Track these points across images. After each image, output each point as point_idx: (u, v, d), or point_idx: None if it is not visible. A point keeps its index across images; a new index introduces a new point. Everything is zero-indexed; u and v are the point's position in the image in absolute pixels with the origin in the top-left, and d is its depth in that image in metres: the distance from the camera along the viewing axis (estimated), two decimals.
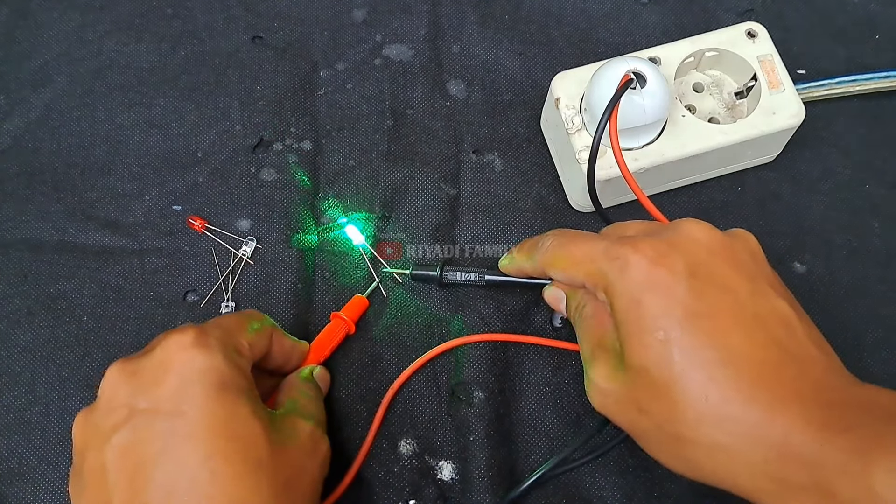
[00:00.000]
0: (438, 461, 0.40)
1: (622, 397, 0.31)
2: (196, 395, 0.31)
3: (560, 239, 0.35)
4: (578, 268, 0.33)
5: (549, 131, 0.46)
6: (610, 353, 0.32)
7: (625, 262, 0.31)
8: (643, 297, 0.30)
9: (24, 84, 0.48)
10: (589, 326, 0.33)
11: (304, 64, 0.49)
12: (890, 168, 0.46)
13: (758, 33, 0.43)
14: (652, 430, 0.30)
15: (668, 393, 0.29)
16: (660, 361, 0.29)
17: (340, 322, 0.41)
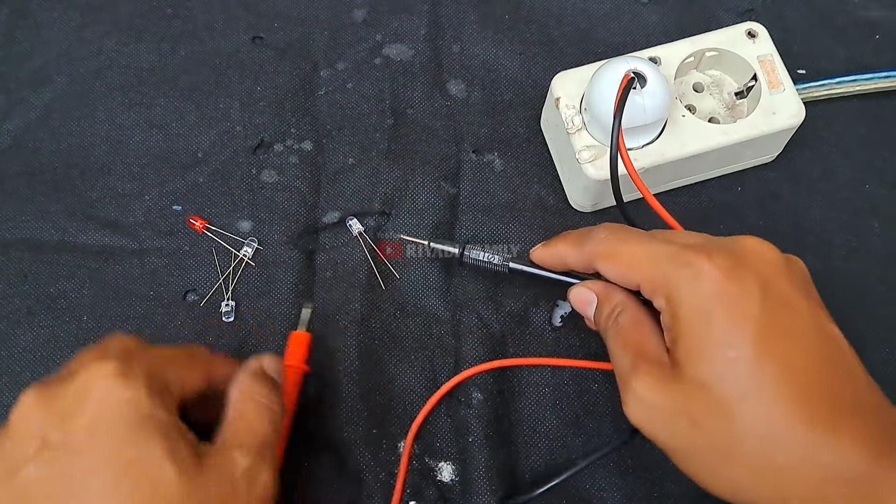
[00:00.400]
0: (438, 462, 0.40)
1: (671, 410, 0.29)
2: (109, 430, 0.29)
3: (618, 233, 0.33)
4: (638, 267, 0.31)
5: (549, 131, 0.46)
6: (655, 363, 0.30)
7: (697, 271, 0.29)
8: (715, 310, 0.29)
9: (24, 84, 0.48)
10: (627, 334, 0.32)
11: (304, 64, 0.49)
12: (890, 168, 0.46)
13: (758, 33, 0.43)
14: (700, 447, 0.29)
15: (731, 410, 0.28)
16: (726, 377, 0.28)
17: (290, 370, 0.39)
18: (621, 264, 0.32)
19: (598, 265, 0.33)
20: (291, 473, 0.40)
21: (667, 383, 0.30)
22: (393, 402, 0.41)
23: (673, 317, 0.30)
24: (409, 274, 0.44)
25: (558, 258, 0.36)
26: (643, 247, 0.32)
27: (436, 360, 0.42)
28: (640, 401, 0.30)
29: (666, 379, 0.30)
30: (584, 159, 0.41)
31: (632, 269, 0.32)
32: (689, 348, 0.29)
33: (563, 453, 0.40)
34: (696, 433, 0.29)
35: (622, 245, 0.33)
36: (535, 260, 0.38)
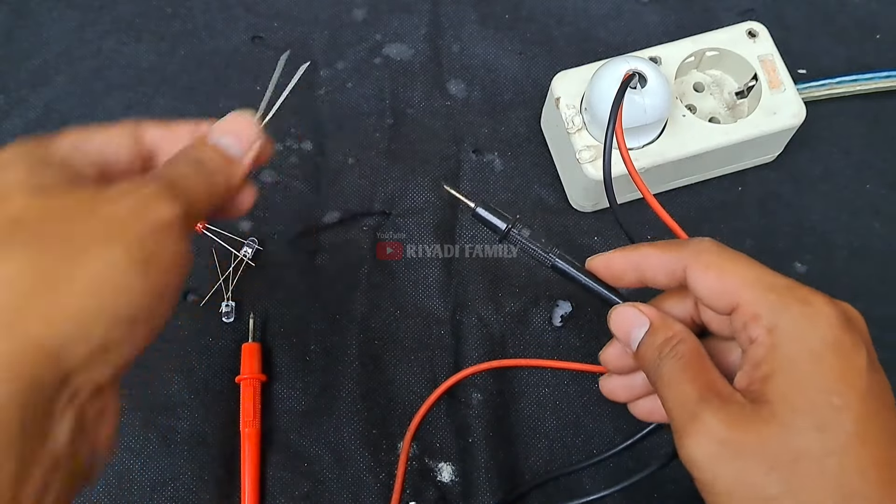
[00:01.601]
0: (438, 463, 0.40)
1: (750, 451, 0.27)
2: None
3: (723, 248, 0.30)
4: (747, 288, 0.29)
5: (549, 131, 0.46)
6: (730, 400, 0.28)
7: (818, 310, 0.27)
8: (828, 355, 0.27)
9: (24, 84, 0.48)
10: (692, 366, 0.29)
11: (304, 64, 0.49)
12: (891, 168, 0.46)
13: (758, 33, 0.43)
14: (774, 494, 0.26)
15: (824, 461, 0.26)
16: (828, 426, 0.26)
17: (247, 383, 0.40)
18: (725, 279, 0.29)
19: (697, 274, 0.30)
20: (291, 474, 0.40)
21: (748, 420, 0.27)
22: (393, 402, 0.41)
23: (773, 350, 0.28)
24: (409, 274, 0.44)
25: (634, 263, 0.32)
26: (753, 269, 0.29)
27: (436, 361, 0.42)
28: (710, 435, 0.27)
29: (747, 416, 0.27)
30: (585, 159, 0.41)
31: (736, 288, 0.29)
32: (787, 387, 0.27)
33: (562, 454, 0.40)
34: (772, 480, 0.26)
35: (729, 260, 0.30)
36: (596, 266, 0.33)
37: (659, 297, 0.34)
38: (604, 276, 0.33)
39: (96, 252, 0.24)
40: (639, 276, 0.32)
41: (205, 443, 0.40)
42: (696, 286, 0.30)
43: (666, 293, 0.33)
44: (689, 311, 0.32)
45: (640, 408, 0.35)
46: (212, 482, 0.40)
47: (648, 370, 0.31)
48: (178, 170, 0.28)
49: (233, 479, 0.40)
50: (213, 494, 0.39)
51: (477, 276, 0.44)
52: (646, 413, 0.35)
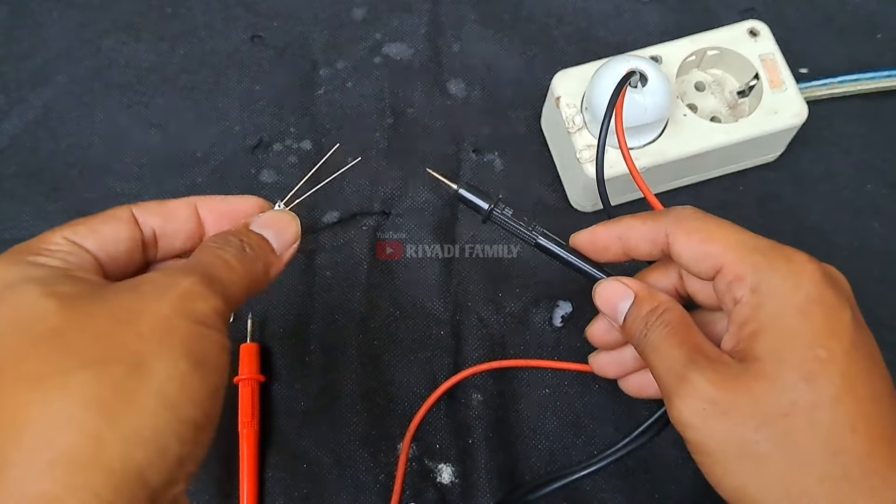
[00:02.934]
0: (438, 464, 0.40)
1: (739, 408, 0.27)
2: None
3: (705, 214, 0.30)
4: (730, 250, 0.29)
5: (549, 131, 0.46)
6: (717, 360, 0.28)
7: (800, 267, 0.28)
8: (813, 311, 0.27)
9: (23, 84, 0.48)
10: (679, 332, 0.30)
11: (303, 63, 0.49)
12: (891, 168, 0.46)
13: (760, 32, 0.43)
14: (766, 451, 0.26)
15: (813, 414, 0.26)
16: (816, 379, 0.26)
17: (245, 384, 0.40)
18: (709, 242, 0.29)
19: (680, 239, 0.30)
20: (290, 474, 0.40)
21: (736, 379, 0.27)
22: (393, 402, 0.41)
23: (758, 309, 0.28)
24: (409, 274, 0.44)
25: (617, 234, 0.32)
26: (736, 232, 0.29)
27: (435, 361, 0.42)
28: (699, 395, 0.27)
29: (734, 375, 0.27)
30: (585, 159, 0.41)
31: (719, 250, 0.29)
32: (774, 343, 0.27)
33: (563, 455, 0.40)
34: (763, 435, 0.26)
35: (712, 224, 0.30)
36: (579, 242, 0.34)
37: (643, 271, 0.34)
38: (588, 252, 0.34)
39: (155, 362, 0.23)
40: (623, 248, 0.32)
41: None
42: (679, 252, 0.30)
43: (649, 268, 0.34)
44: (674, 284, 0.33)
45: (630, 383, 0.35)
46: (211, 482, 0.40)
47: (636, 341, 0.31)
48: (214, 257, 0.27)
49: (232, 479, 0.40)
50: (213, 494, 0.39)
51: (477, 276, 0.43)
52: (636, 389, 0.35)
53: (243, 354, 0.41)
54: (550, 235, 0.34)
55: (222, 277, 0.26)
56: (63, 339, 0.22)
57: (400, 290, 0.43)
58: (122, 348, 0.22)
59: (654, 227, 0.31)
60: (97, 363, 0.22)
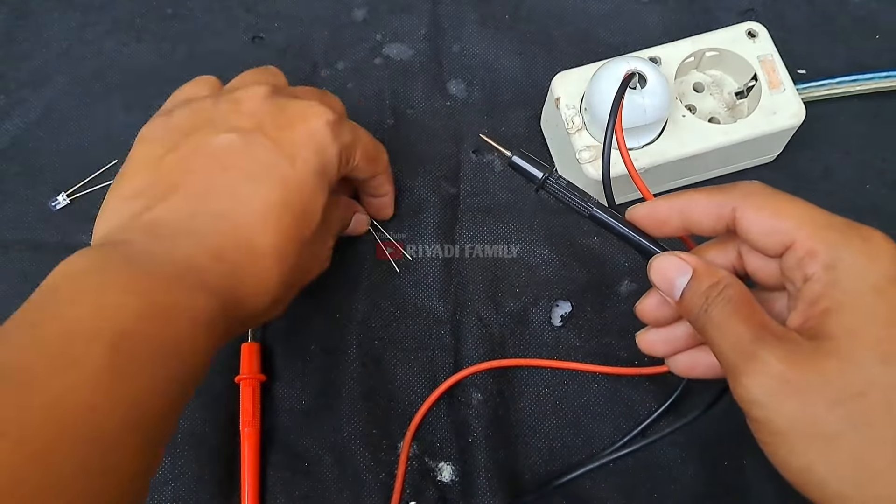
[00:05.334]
0: (438, 463, 0.40)
1: (812, 386, 0.26)
2: (308, 159, 0.34)
3: (773, 189, 0.30)
4: (803, 225, 0.28)
5: (549, 131, 0.46)
6: (785, 338, 0.27)
7: (878, 246, 0.27)
8: (890, 289, 0.26)
9: (24, 84, 0.48)
10: (744, 308, 0.29)
11: (304, 64, 0.49)
12: (890, 168, 0.46)
13: (758, 33, 0.43)
14: (839, 429, 0.26)
15: (891, 393, 0.25)
16: (891, 361, 0.26)
17: (247, 383, 0.41)
18: (780, 217, 0.29)
19: (748, 214, 0.29)
20: (291, 473, 0.40)
21: (807, 356, 0.26)
22: (393, 402, 0.41)
23: (833, 286, 0.27)
24: (409, 274, 0.44)
25: (680, 208, 0.31)
26: (808, 207, 0.29)
27: (436, 361, 0.42)
28: (770, 373, 0.26)
29: (805, 352, 0.26)
30: (584, 159, 0.41)
31: (792, 225, 0.28)
32: (849, 321, 0.26)
33: (562, 453, 0.40)
34: (836, 414, 0.26)
35: (783, 199, 0.29)
36: (637, 215, 0.33)
37: (699, 248, 0.33)
38: (646, 226, 0.32)
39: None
40: (684, 222, 0.31)
41: (205, 443, 0.40)
42: (747, 227, 0.29)
43: (706, 244, 0.33)
44: (732, 261, 0.32)
45: (679, 362, 0.34)
46: (212, 482, 0.40)
47: (694, 317, 0.30)
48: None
49: (233, 479, 0.40)
50: (213, 494, 0.39)
51: (477, 276, 0.44)
52: (686, 368, 0.34)
53: (244, 353, 0.41)
54: (605, 207, 0.33)
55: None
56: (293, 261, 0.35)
57: (400, 290, 0.44)
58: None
59: (720, 201, 0.30)
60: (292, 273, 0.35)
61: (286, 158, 0.34)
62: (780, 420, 0.26)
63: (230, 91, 0.37)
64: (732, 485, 0.40)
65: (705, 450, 0.40)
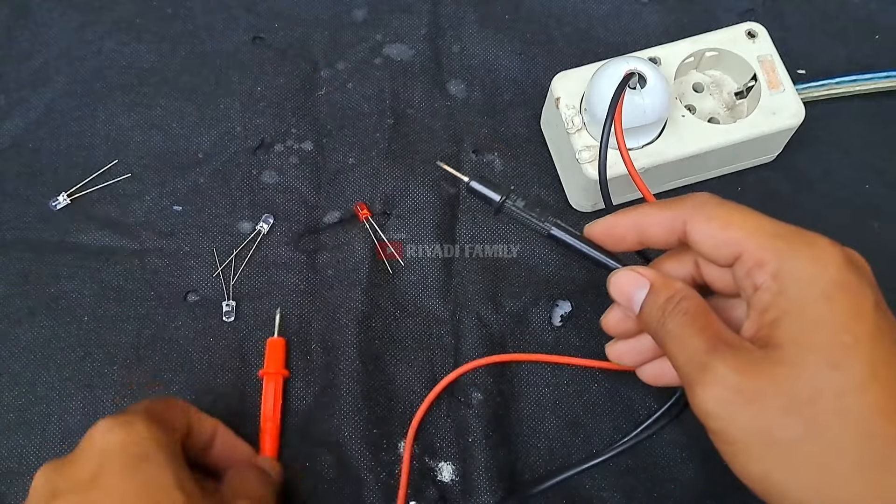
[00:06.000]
0: (438, 462, 0.40)
1: (764, 395, 0.26)
2: (113, 467, 0.31)
3: (722, 200, 0.30)
4: (750, 236, 0.28)
5: (549, 131, 0.46)
6: (739, 347, 0.28)
7: (823, 252, 0.28)
8: (836, 295, 0.27)
9: (24, 84, 0.48)
10: (698, 320, 0.29)
11: (304, 64, 0.49)
12: (890, 168, 0.46)
13: (758, 33, 0.43)
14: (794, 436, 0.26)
15: (841, 399, 0.26)
16: (841, 364, 0.26)
17: (270, 378, 0.41)
18: (728, 229, 0.29)
19: (698, 227, 0.30)
20: (291, 473, 0.40)
21: (758, 366, 0.27)
22: (393, 401, 0.41)
23: (780, 295, 0.27)
24: (409, 274, 0.44)
25: (633, 223, 0.32)
26: (755, 217, 0.29)
27: (436, 360, 0.42)
28: (722, 384, 0.27)
29: (757, 362, 0.27)
30: (584, 159, 0.41)
31: (739, 237, 0.28)
32: (797, 329, 0.27)
33: (562, 453, 0.40)
34: (790, 421, 0.26)
35: (731, 211, 0.29)
36: (594, 232, 0.33)
37: (657, 259, 0.34)
38: (604, 241, 0.33)
39: None
40: (639, 236, 0.32)
41: None
42: (697, 239, 0.30)
43: (664, 256, 0.33)
44: (690, 271, 0.32)
45: (647, 372, 0.35)
46: None
47: (653, 330, 0.31)
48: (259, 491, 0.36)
49: None
50: None
51: (477, 276, 0.44)
52: (653, 377, 0.35)
53: (270, 348, 0.41)
54: (563, 226, 0.34)
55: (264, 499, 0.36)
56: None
57: (400, 289, 0.44)
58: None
59: (671, 215, 0.31)
60: None
61: (90, 490, 0.30)
62: (736, 430, 0.27)
63: None
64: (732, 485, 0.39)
65: (705, 450, 0.40)
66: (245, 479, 0.36)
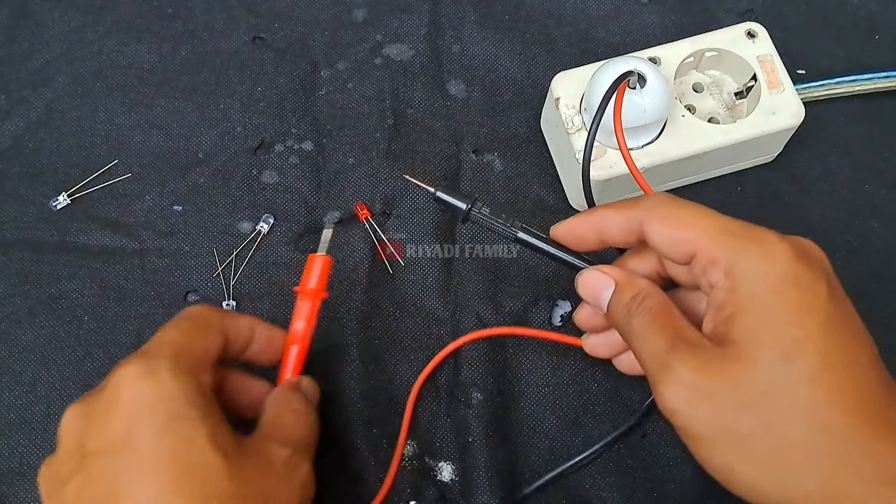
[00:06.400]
0: (438, 462, 0.40)
1: (720, 391, 0.27)
2: (146, 429, 0.29)
3: (677, 199, 0.31)
4: (702, 235, 0.29)
5: (548, 131, 0.46)
6: (697, 345, 0.29)
7: (771, 248, 0.28)
8: (786, 289, 0.27)
9: (25, 84, 0.48)
10: (660, 317, 0.30)
11: (304, 64, 0.49)
12: (890, 168, 0.46)
13: (758, 33, 0.43)
14: (749, 430, 0.27)
15: (792, 392, 0.26)
16: (792, 358, 0.27)
17: (308, 296, 0.37)
18: (681, 229, 0.30)
19: (653, 227, 0.31)
20: None
21: (714, 363, 0.28)
22: (393, 401, 0.41)
23: (732, 292, 0.28)
24: (409, 274, 0.44)
25: (593, 224, 0.33)
26: (708, 216, 0.30)
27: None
28: (681, 381, 0.28)
29: (713, 359, 0.28)
30: None
31: (692, 236, 0.29)
32: (749, 325, 0.27)
33: (563, 453, 0.40)
34: (744, 415, 0.27)
35: (684, 210, 0.30)
36: (559, 233, 0.34)
37: (622, 256, 0.34)
38: (568, 243, 0.34)
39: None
40: (600, 237, 0.33)
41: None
42: (653, 239, 0.31)
43: (629, 252, 0.34)
44: (654, 267, 0.33)
45: (623, 362, 0.36)
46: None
47: (620, 328, 0.32)
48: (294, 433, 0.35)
49: None
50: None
51: (477, 276, 0.44)
52: (628, 367, 0.36)
53: (311, 264, 0.37)
54: (529, 229, 0.35)
55: (302, 444, 0.34)
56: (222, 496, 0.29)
57: (400, 289, 0.44)
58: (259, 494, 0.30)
59: (628, 216, 0.32)
60: None
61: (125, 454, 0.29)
62: (697, 426, 0.28)
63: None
64: None
65: None
66: (283, 415, 0.35)
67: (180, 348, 0.32)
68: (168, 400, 0.30)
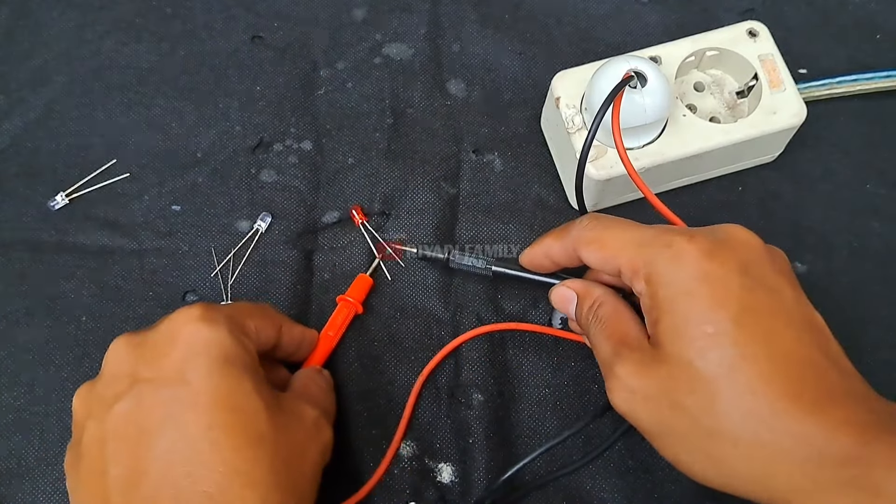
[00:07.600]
0: (438, 463, 0.40)
1: (654, 393, 0.29)
2: (200, 365, 0.31)
3: (601, 221, 0.34)
4: (620, 251, 0.32)
5: (549, 131, 0.46)
6: (637, 349, 0.31)
7: (679, 250, 0.30)
8: (696, 288, 0.29)
9: (24, 84, 0.48)
10: (609, 325, 0.33)
11: (304, 63, 0.49)
12: (891, 168, 0.46)
13: (759, 32, 0.43)
14: (684, 427, 0.29)
15: (713, 386, 0.28)
16: (707, 353, 0.28)
17: (346, 305, 0.42)
18: (604, 249, 0.33)
19: (582, 252, 0.34)
20: None
21: (648, 366, 0.30)
22: (393, 402, 0.41)
23: (653, 298, 0.30)
24: (408, 275, 0.44)
25: (543, 253, 0.36)
26: (625, 231, 0.32)
27: None
28: (622, 386, 0.30)
29: (647, 362, 0.30)
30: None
31: (614, 253, 0.32)
32: (669, 327, 0.29)
33: (563, 455, 0.40)
34: (677, 414, 0.29)
35: (605, 231, 0.33)
36: (524, 262, 0.38)
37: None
38: (532, 268, 0.38)
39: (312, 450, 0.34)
40: (552, 262, 0.36)
41: None
42: (587, 261, 0.34)
43: None
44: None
45: None
46: None
47: (585, 335, 0.35)
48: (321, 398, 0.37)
49: None
50: None
51: (477, 276, 0.43)
52: None
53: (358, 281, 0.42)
54: (501, 262, 0.40)
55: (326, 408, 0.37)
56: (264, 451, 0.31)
57: (400, 290, 0.43)
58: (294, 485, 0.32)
59: (563, 245, 0.35)
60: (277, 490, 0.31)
61: (178, 385, 0.31)
62: (643, 424, 0.30)
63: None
64: None
65: None
66: (311, 385, 0.37)
67: (238, 319, 0.34)
68: (222, 345, 0.32)
